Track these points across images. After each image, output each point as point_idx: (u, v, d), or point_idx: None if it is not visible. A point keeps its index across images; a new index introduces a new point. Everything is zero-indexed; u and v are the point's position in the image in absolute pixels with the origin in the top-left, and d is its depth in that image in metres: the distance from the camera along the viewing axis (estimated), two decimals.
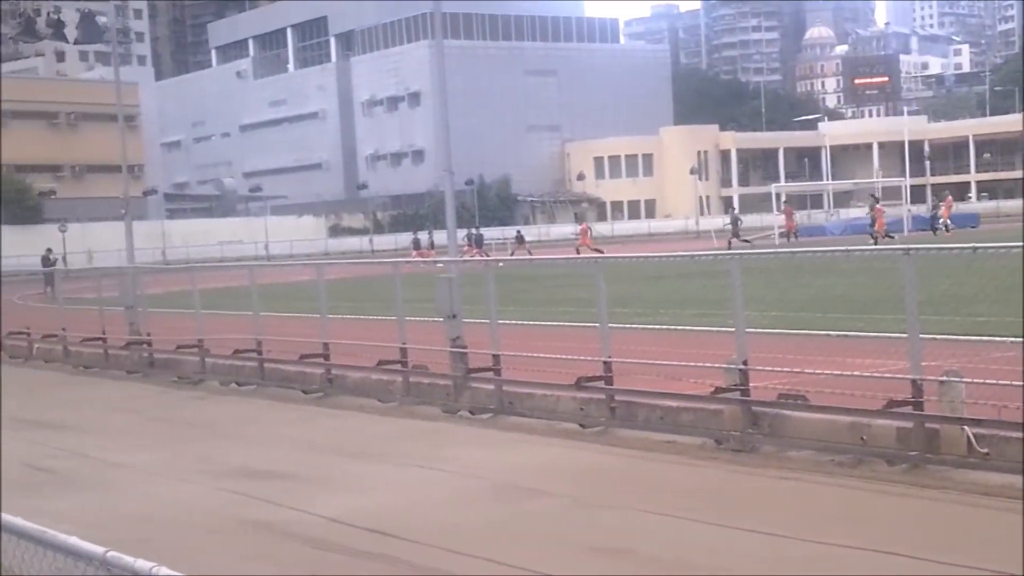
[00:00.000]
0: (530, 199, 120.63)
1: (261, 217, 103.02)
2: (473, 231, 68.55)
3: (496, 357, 16.25)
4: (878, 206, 57.86)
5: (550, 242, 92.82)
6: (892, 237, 52.60)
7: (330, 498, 11.53)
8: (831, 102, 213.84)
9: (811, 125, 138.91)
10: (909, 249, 11.80)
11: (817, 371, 12.98)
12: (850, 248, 14.51)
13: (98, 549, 4.79)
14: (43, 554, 5.44)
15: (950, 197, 69.90)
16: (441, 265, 23.32)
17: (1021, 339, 11.43)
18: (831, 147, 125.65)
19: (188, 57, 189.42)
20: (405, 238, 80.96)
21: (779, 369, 13.41)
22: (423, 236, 70.69)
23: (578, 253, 49.49)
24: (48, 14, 31.30)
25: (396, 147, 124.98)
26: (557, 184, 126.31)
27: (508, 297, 20.06)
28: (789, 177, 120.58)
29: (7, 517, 5.87)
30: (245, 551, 9.92)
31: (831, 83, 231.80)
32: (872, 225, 57.70)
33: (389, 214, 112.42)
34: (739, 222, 62.50)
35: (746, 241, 55.17)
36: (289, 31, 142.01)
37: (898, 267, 11.85)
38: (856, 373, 12.65)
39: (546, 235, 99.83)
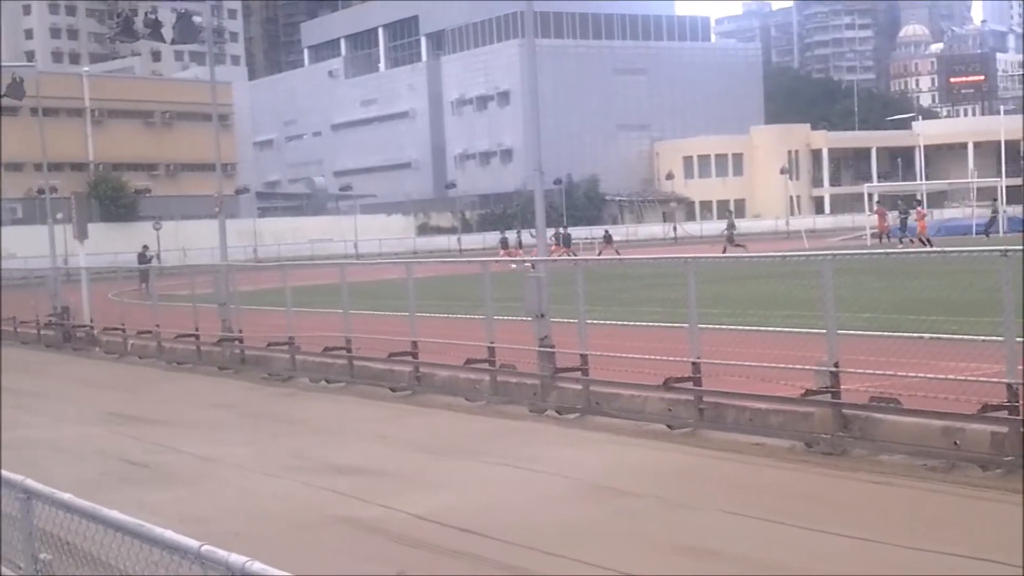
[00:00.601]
0: (618, 198, 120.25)
1: (351, 216, 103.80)
2: (560, 230, 68.49)
3: (584, 357, 16.25)
4: (920, 209, 57.39)
5: (638, 242, 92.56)
6: (929, 242, 52.09)
7: (418, 495, 11.60)
8: (925, 101, 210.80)
9: (905, 124, 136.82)
10: (1007, 250, 11.60)
11: (909, 374, 12.80)
12: (945, 249, 14.30)
13: (193, 543, 4.87)
14: (140, 547, 5.54)
15: None
16: (529, 264, 23.33)
17: None
18: (925, 147, 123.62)
19: (281, 56, 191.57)
20: (493, 237, 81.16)
21: (870, 372, 13.25)
22: (511, 235, 70.78)
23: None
24: (145, 14, 31.80)
25: (485, 146, 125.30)
26: (646, 183, 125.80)
27: (596, 296, 20.04)
28: (882, 177, 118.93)
29: (104, 510, 5.98)
30: (334, 546, 10.01)
31: (926, 82, 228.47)
32: (901, 228, 57.08)
33: (477, 213, 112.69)
34: (734, 228, 61.49)
35: (740, 246, 54.15)
36: (380, 31, 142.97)
37: (994, 269, 11.66)
38: (950, 376, 12.45)
39: (634, 235, 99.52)
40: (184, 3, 33.09)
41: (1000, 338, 11.62)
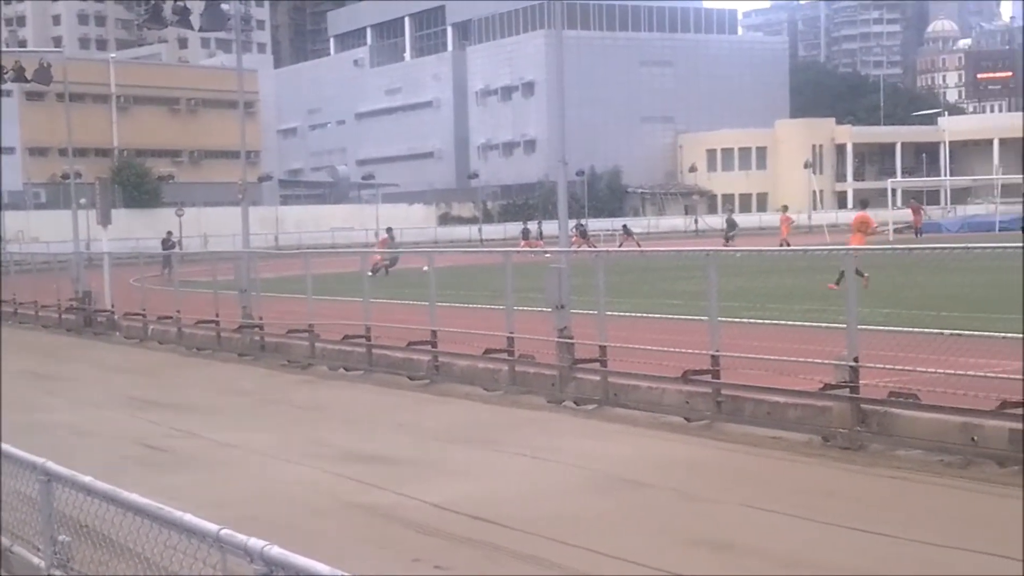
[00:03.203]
0: (640, 191, 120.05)
1: (373, 205, 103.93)
2: (580, 223, 68.51)
3: (602, 348, 16.26)
4: (913, 202, 58.16)
5: (659, 234, 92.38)
6: (921, 234, 53.80)
7: (435, 484, 11.64)
8: (952, 97, 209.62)
9: (930, 120, 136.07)
10: None
11: (929, 370, 12.77)
12: (969, 245, 14.25)
13: (212, 527, 4.91)
14: (159, 531, 5.58)
15: None
16: (550, 255, 23.35)
17: None
18: (950, 143, 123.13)
19: (307, 45, 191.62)
20: (514, 228, 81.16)
21: (890, 367, 13.22)
22: (532, 226, 70.74)
23: (374, 268, 36.73)
24: (174, 1, 31.82)
25: (508, 137, 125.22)
26: (668, 176, 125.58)
27: (616, 288, 20.01)
28: (906, 172, 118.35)
29: (124, 493, 6.03)
30: (350, 533, 10.06)
31: (952, 78, 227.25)
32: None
33: (499, 204, 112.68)
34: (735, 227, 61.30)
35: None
36: (407, 20, 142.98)
37: (1015, 265, 11.63)
38: (969, 373, 12.42)
39: (655, 227, 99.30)
40: None
41: (1020, 335, 11.58)
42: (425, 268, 20.63)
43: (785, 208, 56.63)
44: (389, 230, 53.37)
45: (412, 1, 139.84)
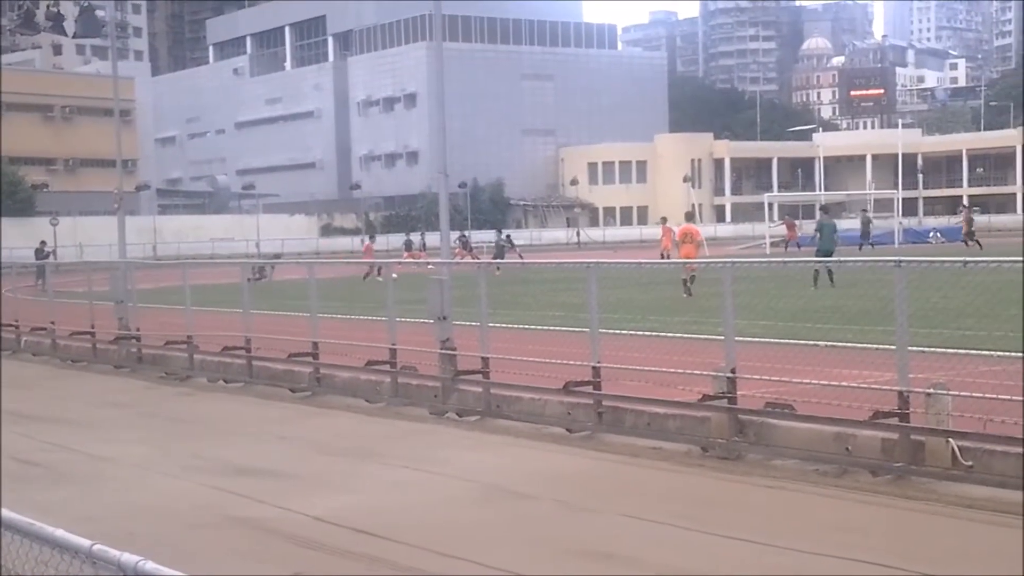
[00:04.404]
0: (522, 203, 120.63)
1: (253, 215, 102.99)
2: (464, 235, 68.64)
3: (485, 360, 16.28)
4: (787, 218, 60.03)
5: (542, 246, 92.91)
6: (799, 247, 55.49)
7: (315, 497, 11.55)
8: (826, 113, 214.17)
9: (806, 136, 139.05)
10: (900, 261, 11.84)
11: (804, 381, 13.03)
12: (841, 259, 14.56)
13: (84, 542, 4.81)
14: (30, 546, 5.45)
15: (966, 210, 69.87)
16: (432, 267, 23.35)
17: (1021, 353, 11.51)
18: (825, 158, 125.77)
19: (185, 53, 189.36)
20: (397, 239, 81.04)
21: (767, 378, 13.45)
22: (415, 237, 70.67)
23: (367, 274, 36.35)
24: (47, 7, 31.20)
25: (391, 148, 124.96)
26: (550, 189, 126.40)
27: (499, 300, 20.08)
28: (782, 187, 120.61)
29: None
30: (230, 547, 9.93)
31: (827, 94, 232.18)
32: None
33: (381, 215, 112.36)
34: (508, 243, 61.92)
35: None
36: (287, 29, 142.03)
37: (888, 279, 11.91)
38: (843, 384, 12.71)
39: (538, 239, 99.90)
40: None
41: (892, 347, 11.86)
42: (394, 276, 20.46)
43: (664, 220, 57.29)
44: (372, 238, 54.23)
45: (293, 9, 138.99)
